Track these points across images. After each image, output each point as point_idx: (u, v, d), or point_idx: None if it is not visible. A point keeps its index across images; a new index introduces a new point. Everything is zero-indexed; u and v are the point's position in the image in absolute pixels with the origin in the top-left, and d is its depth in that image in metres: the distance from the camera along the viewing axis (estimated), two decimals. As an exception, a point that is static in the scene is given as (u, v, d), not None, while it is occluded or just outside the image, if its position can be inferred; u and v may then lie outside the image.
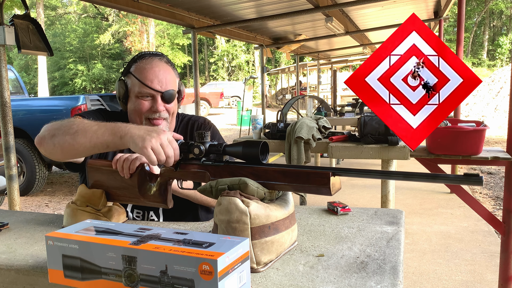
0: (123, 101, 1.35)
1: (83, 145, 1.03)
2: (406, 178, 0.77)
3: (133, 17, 24.39)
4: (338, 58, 13.42)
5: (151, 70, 1.30)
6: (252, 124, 2.89)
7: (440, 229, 3.45)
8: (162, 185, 1.00)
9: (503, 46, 27.81)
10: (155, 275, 0.65)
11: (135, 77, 1.30)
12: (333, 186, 0.81)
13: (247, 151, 0.88)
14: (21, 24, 2.58)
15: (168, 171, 0.97)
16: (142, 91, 1.30)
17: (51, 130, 1.10)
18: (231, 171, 0.89)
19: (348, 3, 4.60)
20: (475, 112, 11.62)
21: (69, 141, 1.04)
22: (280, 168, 0.85)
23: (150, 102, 1.31)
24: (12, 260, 0.87)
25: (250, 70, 29.14)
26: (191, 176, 0.95)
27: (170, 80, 1.34)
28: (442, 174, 0.75)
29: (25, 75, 29.73)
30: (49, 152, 1.11)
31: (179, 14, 4.51)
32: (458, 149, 2.20)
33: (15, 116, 4.08)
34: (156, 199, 1.00)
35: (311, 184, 0.82)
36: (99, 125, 1.03)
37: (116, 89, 1.38)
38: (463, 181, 0.72)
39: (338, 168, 0.83)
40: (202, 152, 0.91)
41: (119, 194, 1.04)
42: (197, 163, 0.94)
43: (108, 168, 1.05)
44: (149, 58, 1.34)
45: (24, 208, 4.64)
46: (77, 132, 1.03)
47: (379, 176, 0.81)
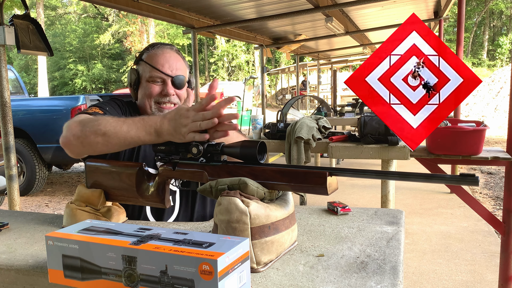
0: (134, 88, 1.39)
1: (117, 145, 1.03)
2: (403, 178, 0.78)
3: (133, 17, 24.39)
4: (338, 58, 13.43)
5: (162, 56, 1.36)
6: (252, 124, 2.89)
7: (440, 229, 3.45)
8: (160, 185, 0.99)
9: (503, 46, 27.80)
10: (155, 275, 0.65)
11: (147, 63, 1.35)
12: (330, 185, 0.81)
13: (244, 151, 0.88)
14: (21, 24, 2.58)
15: (166, 171, 0.97)
16: (153, 75, 1.34)
17: (75, 132, 1.08)
18: (229, 170, 0.89)
19: (348, 3, 4.60)
20: (475, 112, 11.63)
21: (101, 142, 1.04)
22: (278, 168, 0.85)
23: (161, 86, 1.35)
24: (12, 260, 0.87)
25: (250, 70, 29.13)
26: (189, 175, 0.95)
27: (180, 67, 1.38)
28: (438, 174, 0.76)
29: (25, 75, 29.73)
30: (78, 153, 1.11)
31: (179, 14, 4.51)
32: (458, 149, 2.20)
33: (15, 116, 4.09)
34: (154, 198, 1.00)
35: (308, 184, 0.82)
36: (126, 123, 1.02)
37: (128, 77, 1.42)
38: (459, 181, 0.72)
39: (335, 168, 0.83)
40: (200, 151, 0.91)
41: (118, 194, 1.04)
42: (195, 163, 0.94)
43: (107, 168, 1.05)
44: (160, 47, 1.39)
45: (24, 208, 4.64)
46: (106, 133, 1.03)
47: (375, 176, 0.81)
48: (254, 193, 0.83)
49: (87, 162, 1.08)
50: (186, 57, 2.28)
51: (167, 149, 0.96)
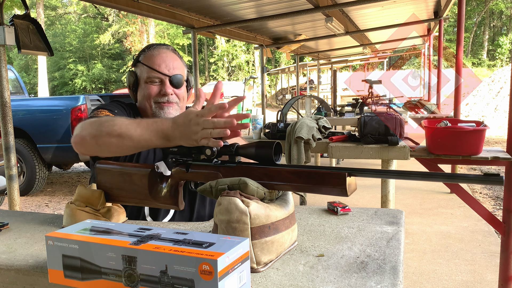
0: (133, 90, 1.40)
1: (130, 147, 1.02)
2: (424, 178, 0.75)
3: (133, 17, 24.39)
4: (338, 58, 13.43)
5: (158, 56, 1.36)
6: (252, 124, 2.89)
7: (440, 229, 3.45)
8: (173, 187, 0.97)
9: (503, 46, 27.81)
10: (155, 275, 0.65)
11: (144, 64, 1.35)
12: (349, 186, 0.79)
13: (260, 152, 0.86)
14: (21, 24, 2.58)
15: (179, 173, 0.96)
16: (150, 75, 1.34)
17: (91, 131, 1.08)
18: (243, 172, 0.87)
19: (348, 3, 4.60)
20: (475, 112, 11.63)
21: (115, 143, 1.03)
22: (294, 169, 0.83)
23: (159, 86, 1.35)
24: (12, 260, 0.87)
25: (250, 70, 29.13)
26: (203, 177, 0.93)
27: (178, 66, 1.38)
28: (461, 174, 0.74)
29: (25, 75, 29.73)
30: (91, 151, 1.11)
31: (179, 14, 4.51)
32: (458, 149, 2.20)
33: (15, 116, 4.09)
34: (167, 201, 0.98)
35: (327, 185, 0.80)
36: (140, 126, 1.00)
37: (126, 79, 1.43)
38: (483, 181, 0.70)
39: (354, 168, 0.81)
40: (214, 153, 0.89)
41: (130, 196, 1.02)
42: (209, 164, 0.92)
43: (118, 169, 1.03)
44: (157, 47, 1.39)
45: (24, 208, 4.64)
46: (121, 135, 1.02)
47: (396, 177, 0.78)
48: (254, 193, 0.83)
49: (97, 164, 1.06)
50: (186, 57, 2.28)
51: (180, 150, 0.94)
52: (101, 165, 1.06)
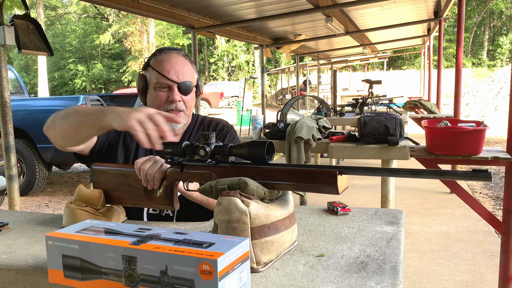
0: (143, 94, 1.40)
1: (72, 125, 1.06)
2: (414, 175, 0.76)
3: (133, 17, 24.37)
4: (338, 58, 13.44)
5: (168, 62, 1.34)
6: (252, 124, 2.89)
7: (440, 229, 3.45)
8: (168, 187, 0.99)
9: (503, 46, 27.81)
10: (155, 275, 0.65)
11: (153, 69, 1.34)
12: (341, 184, 0.80)
13: (252, 151, 0.87)
14: (21, 24, 2.58)
15: (173, 173, 0.97)
16: (159, 81, 1.33)
17: (53, 117, 1.13)
18: (237, 172, 0.88)
19: (348, 3, 4.60)
20: (475, 112, 11.62)
21: (63, 123, 1.08)
22: (287, 168, 0.84)
23: (167, 93, 1.34)
24: (12, 260, 0.87)
25: (250, 70, 29.13)
26: (197, 178, 0.94)
27: (187, 72, 1.36)
28: (450, 171, 0.74)
29: (25, 75, 29.74)
30: (53, 138, 1.14)
31: (179, 14, 4.51)
32: (458, 149, 2.20)
33: (15, 116, 4.08)
34: (162, 201, 1.00)
35: (319, 183, 0.81)
36: (92, 108, 1.05)
37: (136, 83, 1.42)
38: (472, 177, 0.71)
39: (345, 166, 0.82)
40: (207, 153, 0.91)
41: (126, 197, 1.04)
42: (203, 165, 0.93)
43: (114, 171, 1.05)
44: (167, 52, 1.38)
45: (24, 208, 4.64)
46: (70, 114, 1.08)
47: (386, 174, 0.80)
48: (254, 193, 0.83)
49: (93, 166, 1.08)
50: (186, 57, 2.26)
51: (174, 151, 0.95)
52: (98, 166, 1.07)
